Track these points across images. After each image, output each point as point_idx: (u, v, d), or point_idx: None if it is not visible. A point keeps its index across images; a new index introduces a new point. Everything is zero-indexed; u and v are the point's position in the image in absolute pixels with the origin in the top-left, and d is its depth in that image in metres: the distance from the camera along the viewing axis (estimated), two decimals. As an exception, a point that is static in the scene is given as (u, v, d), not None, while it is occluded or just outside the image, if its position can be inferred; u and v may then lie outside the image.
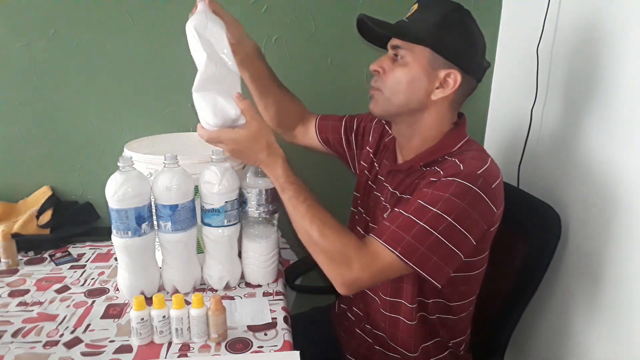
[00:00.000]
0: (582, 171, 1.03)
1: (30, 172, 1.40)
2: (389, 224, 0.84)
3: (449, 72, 0.88)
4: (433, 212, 0.81)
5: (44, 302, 1.02)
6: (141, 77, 1.36)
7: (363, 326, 1.05)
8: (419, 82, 0.89)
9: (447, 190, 0.82)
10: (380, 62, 0.92)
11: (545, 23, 1.13)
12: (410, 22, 0.89)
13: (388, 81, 0.90)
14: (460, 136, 0.93)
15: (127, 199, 0.94)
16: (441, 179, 0.84)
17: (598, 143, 0.98)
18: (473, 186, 0.82)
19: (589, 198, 1.00)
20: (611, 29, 0.95)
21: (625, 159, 0.90)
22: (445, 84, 0.89)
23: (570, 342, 1.06)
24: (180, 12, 1.31)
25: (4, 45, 1.29)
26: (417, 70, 0.88)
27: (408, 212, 0.83)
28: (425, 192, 0.84)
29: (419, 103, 0.91)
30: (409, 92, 0.90)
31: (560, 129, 1.12)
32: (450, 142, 0.92)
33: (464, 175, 0.83)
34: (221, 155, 1.00)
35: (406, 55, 0.89)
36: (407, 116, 0.93)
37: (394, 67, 0.90)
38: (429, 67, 0.88)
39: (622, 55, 0.92)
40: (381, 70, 0.91)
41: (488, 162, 0.86)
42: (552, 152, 1.15)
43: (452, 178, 0.83)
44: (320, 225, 0.87)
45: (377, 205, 1.03)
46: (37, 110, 1.35)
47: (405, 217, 0.83)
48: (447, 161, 0.89)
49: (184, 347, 0.88)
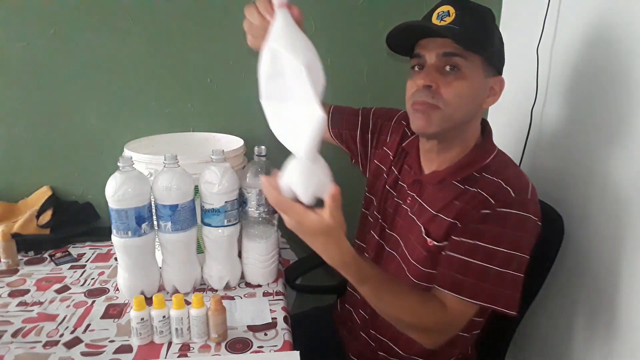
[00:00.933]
0: (583, 171, 1.02)
1: (30, 172, 1.40)
2: (462, 276, 0.82)
3: (495, 79, 0.86)
4: (501, 252, 0.80)
5: (44, 302, 1.02)
6: (141, 77, 1.36)
7: (368, 330, 1.03)
8: (479, 94, 0.85)
9: (507, 225, 0.81)
10: (429, 75, 0.83)
11: (545, 23, 1.13)
12: (461, 27, 0.81)
13: (448, 96, 0.83)
14: (492, 148, 0.91)
15: (127, 199, 0.94)
16: (496, 211, 0.81)
17: (598, 143, 0.98)
18: (529, 214, 0.81)
19: (590, 198, 1.00)
20: (611, 28, 0.95)
21: (626, 159, 0.90)
22: (493, 92, 0.87)
23: (570, 343, 1.06)
24: (180, 12, 1.32)
25: (4, 45, 1.29)
26: (477, 81, 0.84)
27: (477, 258, 0.81)
28: (485, 231, 0.81)
29: (473, 115, 0.88)
30: (470, 106, 0.85)
31: (560, 129, 1.12)
32: (483, 154, 0.89)
33: (518, 205, 0.81)
34: (221, 155, 1.00)
35: (463, 66, 0.82)
36: (457, 130, 0.88)
37: (451, 80, 0.83)
38: (484, 76, 0.85)
39: (622, 55, 0.92)
40: (435, 85, 0.83)
41: (527, 179, 0.85)
42: (552, 152, 1.15)
43: (507, 210, 0.81)
44: (409, 308, 0.82)
45: (398, 213, 0.99)
46: (37, 110, 1.35)
47: (476, 265, 0.81)
48: (488, 181, 0.85)
49: (184, 347, 0.88)
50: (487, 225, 0.82)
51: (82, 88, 1.35)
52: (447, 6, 0.83)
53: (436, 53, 0.83)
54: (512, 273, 0.81)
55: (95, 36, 1.31)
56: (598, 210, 0.97)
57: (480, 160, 0.89)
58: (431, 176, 0.93)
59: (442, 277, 0.84)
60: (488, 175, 0.86)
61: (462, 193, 0.87)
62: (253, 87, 1.42)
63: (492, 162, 0.89)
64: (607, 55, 0.96)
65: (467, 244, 0.83)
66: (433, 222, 0.89)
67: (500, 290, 0.81)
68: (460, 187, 0.88)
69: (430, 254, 0.88)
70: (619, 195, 0.91)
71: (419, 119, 0.86)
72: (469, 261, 0.82)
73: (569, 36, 1.09)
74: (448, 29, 0.81)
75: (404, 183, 1.00)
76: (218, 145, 1.28)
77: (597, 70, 0.98)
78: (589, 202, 1.00)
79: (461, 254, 0.83)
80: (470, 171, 0.88)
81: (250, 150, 1.09)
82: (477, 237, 0.82)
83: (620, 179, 0.91)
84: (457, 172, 0.89)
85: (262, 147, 1.05)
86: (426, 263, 0.89)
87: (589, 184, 1.00)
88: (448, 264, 0.84)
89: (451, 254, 0.84)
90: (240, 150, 1.17)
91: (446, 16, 0.82)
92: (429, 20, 0.84)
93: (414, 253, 0.92)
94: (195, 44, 1.34)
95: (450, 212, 0.87)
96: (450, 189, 0.89)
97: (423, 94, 0.84)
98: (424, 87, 0.83)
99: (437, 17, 0.83)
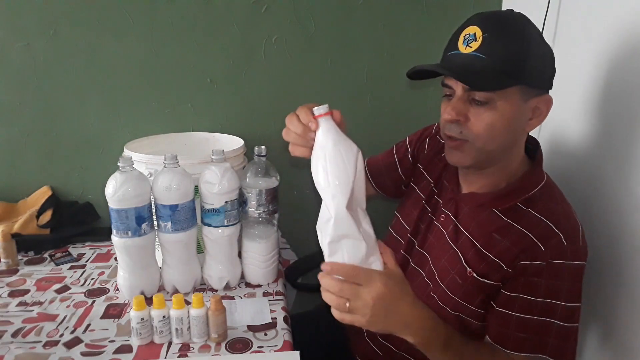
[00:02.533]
0: (583, 172, 1.02)
1: (30, 172, 1.40)
2: (519, 333, 0.79)
3: (540, 98, 0.79)
4: (561, 306, 0.77)
5: (44, 302, 1.02)
6: (141, 77, 1.36)
7: (374, 336, 1.00)
8: (514, 122, 0.78)
9: (563, 277, 0.77)
10: (455, 108, 0.77)
11: (545, 23, 1.13)
12: (489, 57, 0.73)
13: (477, 130, 0.77)
14: (540, 176, 0.85)
15: (127, 199, 0.94)
16: (549, 262, 0.77)
17: (599, 143, 0.98)
18: (582, 262, 0.79)
19: (591, 200, 1.00)
20: (611, 28, 0.95)
21: (627, 158, 0.90)
22: (538, 113, 0.80)
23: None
24: (180, 12, 1.32)
25: (4, 45, 1.29)
26: (510, 111, 0.76)
27: (536, 314, 0.78)
28: (540, 284, 0.77)
29: (513, 142, 0.82)
30: (505, 135, 0.79)
31: (560, 130, 1.12)
32: (529, 184, 0.84)
33: (572, 255, 0.77)
34: (221, 155, 1.00)
35: (491, 96, 0.75)
36: (497, 158, 0.83)
37: (479, 112, 0.76)
38: (521, 102, 0.77)
39: (622, 55, 0.92)
40: (463, 118, 0.77)
41: (576, 219, 0.81)
42: (551, 153, 1.14)
43: (560, 262, 0.77)
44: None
45: (430, 231, 0.94)
46: (37, 110, 1.35)
47: (536, 320, 0.78)
48: (536, 221, 0.79)
49: (184, 347, 0.88)
50: (541, 279, 0.77)
51: (82, 88, 1.35)
52: (474, 27, 0.75)
53: (462, 87, 0.77)
54: (571, 326, 0.79)
55: (95, 36, 1.31)
56: (599, 211, 0.97)
57: (526, 190, 0.83)
58: (470, 197, 0.88)
59: (501, 336, 0.81)
60: (535, 212, 0.81)
61: (505, 227, 0.82)
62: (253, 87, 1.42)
63: (539, 193, 0.83)
64: (607, 55, 0.96)
65: (523, 300, 0.79)
66: (471, 252, 0.84)
67: (561, 344, 0.79)
68: (503, 219, 0.83)
69: (465, 284, 0.84)
70: (621, 196, 0.91)
71: (451, 155, 0.83)
72: (526, 318, 0.78)
73: (568, 36, 1.09)
74: (473, 62, 0.74)
75: (440, 199, 0.95)
76: (218, 145, 1.28)
77: (598, 70, 0.98)
78: (590, 204, 1.00)
79: (518, 312, 0.79)
80: (514, 201, 0.83)
81: (250, 150, 1.09)
82: (534, 291, 0.78)
83: (622, 178, 0.91)
84: (500, 201, 0.84)
85: (262, 147, 1.05)
86: (457, 291, 0.85)
87: (590, 185, 1.00)
88: (504, 322, 0.80)
89: (506, 311, 0.80)
90: (240, 150, 1.17)
91: (472, 41, 0.74)
92: (455, 46, 0.78)
93: (446, 278, 0.87)
94: (195, 44, 1.34)
95: (492, 247, 0.82)
96: (491, 218, 0.84)
97: (452, 127, 0.79)
98: (452, 121, 0.78)
99: (463, 41, 0.76)
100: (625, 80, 0.91)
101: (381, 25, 1.35)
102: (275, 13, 1.34)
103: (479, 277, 0.83)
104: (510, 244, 0.80)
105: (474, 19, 0.77)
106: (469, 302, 0.85)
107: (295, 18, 1.35)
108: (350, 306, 0.69)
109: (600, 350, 0.97)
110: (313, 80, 1.41)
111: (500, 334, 0.81)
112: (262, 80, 1.39)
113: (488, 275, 0.82)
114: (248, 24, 1.32)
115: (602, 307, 0.96)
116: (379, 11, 1.36)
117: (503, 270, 0.81)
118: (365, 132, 1.31)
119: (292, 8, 1.34)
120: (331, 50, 1.38)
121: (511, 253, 0.80)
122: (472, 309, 0.85)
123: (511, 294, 0.80)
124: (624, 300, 0.90)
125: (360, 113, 1.44)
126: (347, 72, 1.41)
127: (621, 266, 0.91)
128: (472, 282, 0.84)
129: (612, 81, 0.94)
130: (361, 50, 1.39)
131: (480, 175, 0.87)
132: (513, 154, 0.85)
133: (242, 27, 1.34)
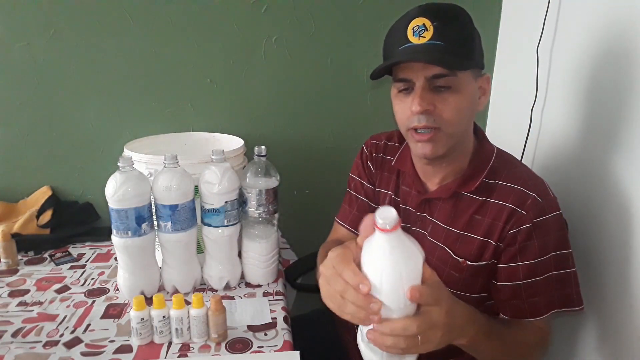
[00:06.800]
0: (583, 171, 1.03)
1: (30, 172, 1.40)
2: (531, 298, 0.82)
3: (482, 78, 0.84)
4: (554, 256, 0.82)
5: (44, 302, 1.02)
6: (141, 77, 1.36)
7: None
8: (473, 103, 0.83)
9: (550, 231, 0.81)
10: (423, 98, 0.78)
11: (545, 23, 1.13)
12: (445, 42, 0.76)
13: (448, 116, 0.79)
14: (490, 147, 0.90)
15: (127, 199, 0.94)
16: (534, 222, 0.80)
17: (598, 143, 0.98)
18: (559, 211, 0.83)
19: (590, 198, 1.00)
20: (611, 28, 0.95)
21: (626, 159, 0.90)
22: (483, 91, 0.85)
23: (570, 343, 1.06)
24: (180, 12, 1.32)
25: (4, 45, 1.29)
26: (469, 92, 0.81)
27: (539, 274, 0.82)
28: (533, 246, 0.81)
29: (472, 123, 0.87)
30: (469, 117, 0.84)
31: (560, 129, 1.12)
32: (485, 157, 0.88)
33: (549, 208, 0.82)
34: (221, 155, 1.00)
35: (453, 80, 0.78)
36: (459, 142, 0.85)
37: (444, 97, 0.79)
38: (473, 82, 0.82)
39: (622, 55, 0.92)
40: (432, 107, 0.79)
41: (536, 174, 0.86)
42: (552, 153, 1.15)
43: (543, 218, 0.81)
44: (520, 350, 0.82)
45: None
46: (37, 110, 1.35)
47: (539, 281, 0.82)
48: (507, 190, 0.83)
49: (184, 347, 0.88)
50: (533, 240, 0.81)
51: (82, 88, 1.35)
52: (422, 19, 0.76)
53: (424, 76, 0.78)
54: (569, 271, 0.83)
55: (95, 36, 1.31)
56: (599, 210, 0.97)
57: (485, 163, 0.87)
58: (440, 192, 0.89)
59: (516, 308, 0.84)
60: (503, 182, 0.85)
61: (481, 205, 0.85)
62: (253, 87, 1.42)
63: (497, 163, 0.87)
64: (607, 55, 0.96)
65: (523, 267, 0.82)
66: (458, 242, 0.87)
67: (566, 291, 0.82)
68: (477, 199, 0.86)
69: (462, 275, 0.86)
70: (620, 195, 0.91)
71: (423, 147, 0.82)
72: (532, 282, 0.82)
73: (568, 36, 1.09)
74: (433, 49, 0.75)
75: (408, 206, 0.96)
76: (218, 145, 1.28)
77: (597, 70, 0.98)
78: (589, 202, 1.00)
79: (521, 279, 0.82)
80: (480, 178, 0.86)
81: (250, 150, 1.09)
82: (529, 255, 0.81)
83: (621, 178, 0.91)
84: (468, 182, 0.86)
85: (262, 147, 1.05)
86: (457, 285, 0.86)
87: (589, 184, 1.00)
88: (514, 294, 0.83)
89: (511, 283, 0.83)
90: (240, 150, 1.17)
91: (424, 31, 0.76)
92: (405, 39, 0.78)
93: (441, 275, 0.82)
94: (195, 44, 1.34)
95: (477, 229, 0.85)
96: (466, 202, 0.87)
97: (422, 118, 0.79)
98: (422, 112, 0.79)
99: (412, 33, 0.77)
100: (625, 80, 0.91)
101: (381, 25, 1.36)
102: (275, 13, 1.34)
103: (474, 262, 0.85)
104: (492, 219, 0.84)
105: (414, 12, 0.78)
106: (469, 291, 0.87)
107: (295, 18, 1.35)
108: (422, 339, 0.60)
109: (600, 350, 0.97)
110: (313, 80, 1.41)
111: (515, 307, 0.84)
112: (262, 80, 1.39)
113: (482, 256, 0.85)
114: (248, 24, 1.32)
115: (602, 307, 0.96)
116: (379, 11, 1.36)
117: (492, 245, 0.84)
118: (365, 132, 1.30)
119: (292, 8, 1.34)
120: (331, 50, 1.39)
121: (496, 227, 0.83)
122: (473, 296, 0.87)
123: (510, 264, 0.83)
124: (623, 300, 0.90)
125: (360, 113, 1.45)
126: (347, 72, 1.41)
127: (621, 266, 0.91)
128: (468, 270, 0.86)
129: (612, 81, 0.94)
130: (361, 50, 1.39)
131: (444, 164, 0.88)
132: (469, 134, 0.89)
133: (242, 27, 1.34)
